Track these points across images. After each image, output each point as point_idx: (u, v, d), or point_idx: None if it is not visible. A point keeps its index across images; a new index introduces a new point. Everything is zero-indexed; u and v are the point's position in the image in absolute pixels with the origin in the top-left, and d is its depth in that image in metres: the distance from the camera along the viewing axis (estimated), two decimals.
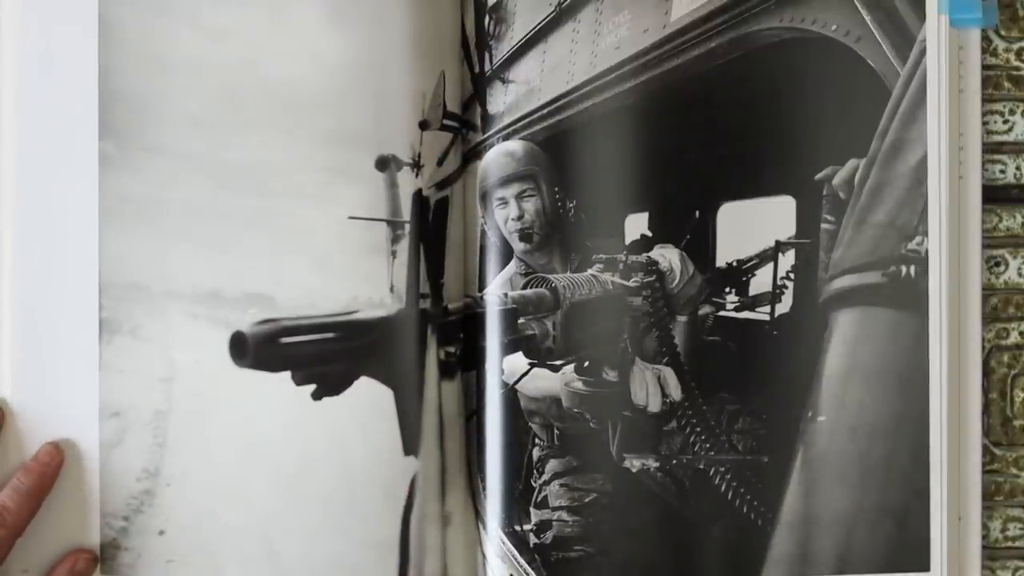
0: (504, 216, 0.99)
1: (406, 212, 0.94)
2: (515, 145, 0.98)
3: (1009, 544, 1.03)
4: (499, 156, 0.98)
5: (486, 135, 0.99)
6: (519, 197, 0.99)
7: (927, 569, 0.96)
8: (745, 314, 0.96)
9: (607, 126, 0.96)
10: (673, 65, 0.95)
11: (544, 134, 0.98)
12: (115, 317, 0.89)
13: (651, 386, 0.96)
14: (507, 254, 0.99)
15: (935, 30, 0.92)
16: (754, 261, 0.95)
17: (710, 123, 0.96)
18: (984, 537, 1.01)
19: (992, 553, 1.02)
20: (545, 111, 0.99)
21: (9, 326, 0.89)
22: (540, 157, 0.98)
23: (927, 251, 0.92)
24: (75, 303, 0.89)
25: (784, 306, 0.95)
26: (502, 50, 1.00)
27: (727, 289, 0.96)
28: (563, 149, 0.97)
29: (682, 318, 0.96)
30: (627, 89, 0.96)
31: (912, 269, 0.92)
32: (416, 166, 0.94)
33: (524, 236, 0.99)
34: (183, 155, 0.90)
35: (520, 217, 0.99)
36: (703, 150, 0.96)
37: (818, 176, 0.92)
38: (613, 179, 0.95)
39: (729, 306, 0.96)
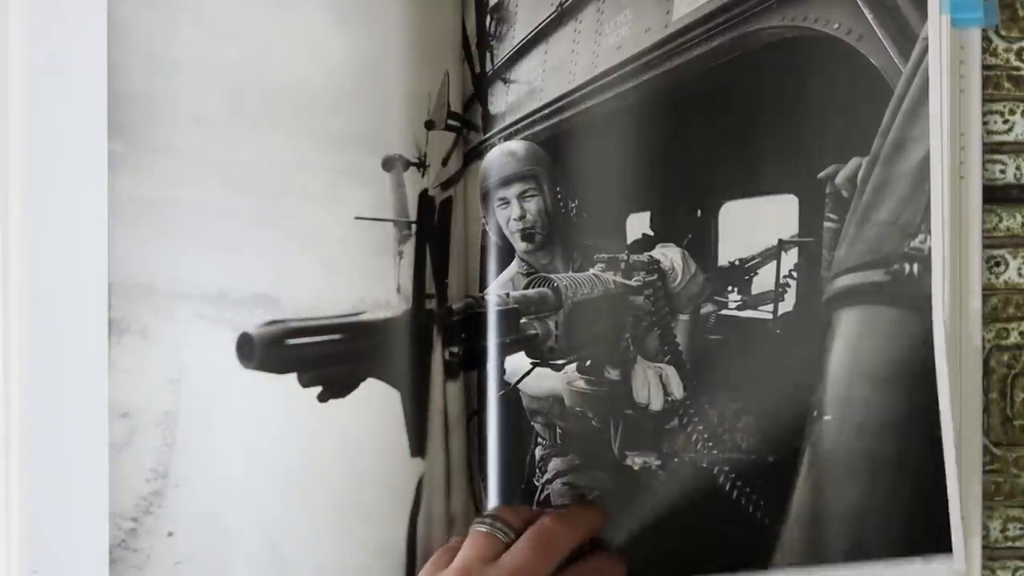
0: (506, 216, 0.99)
1: (412, 212, 0.94)
2: (516, 145, 0.98)
3: (1009, 544, 1.03)
4: (500, 156, 0.98)
5: (487, 135, 0.99)
6: (521, 197, 0.98)
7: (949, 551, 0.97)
8: (748, 313, 0.96)
9: (609, 126, 0.95)
10: (675, 64, 0.95)
11: (546, 134, 0.98)
12: (124, 317, 0.89)
13: (653, 384, 0.96)
14: (509, 254, 0.99)
15: (937, 29, 0.92)
16: (756, 260, 0.95)
17: (712, 122, 0.96)
18: (984, 537, 1.02)
19: (992, 553, 1.03)
20: (547, 111, 0.99)
21: (18, 325, 0.89)
22: (542, 157, 0.98)
23: (930, 249, 0.92)
24: (84, 303, 0.89)
25: (787, 305, 0.95)
26: (503, 50, 1.00)
27: (729, 288, 0.96)
28: (565, 149, 0.97)
29: (684, 317, 0.96)
30: (629, 89, 0.96)
31: (915, 267, 0.92)
32: (422, 166, 0.94)
33: (526, 236, 0.98)
34: (192, 155, 0.90)
35: (522, 217, 0.99)
36: (705, 149, 0.96)
37: (821, 174, 0.92)
38: (615, 179, 0.95)
39: (732, 305, 0.96)
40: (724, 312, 0.96)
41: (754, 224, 0.94)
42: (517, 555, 0.85)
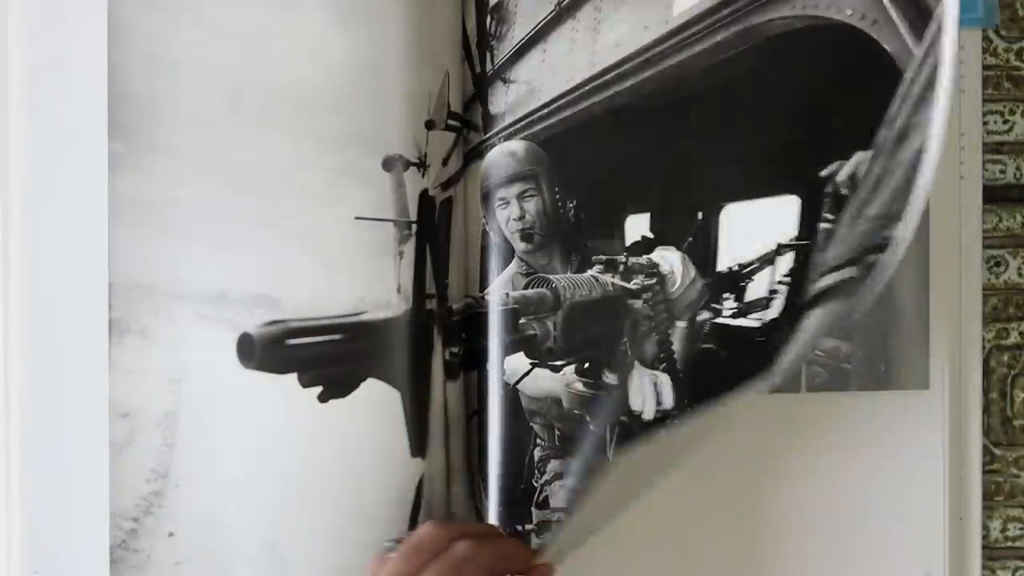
0: (506, 216, 0.98)
1: (412, 212, 0.94)
2: (516, 145, 0.98)
3: (1009, 544, 1.03)
4: (500, 156, 0.98)
5: (487, 135, 0.99)
6: (520, 197, 0.98)
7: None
8: (740, 321, 0.95)
9: (607, 125, 0.95)
10: (675, 62, 0.94)
11: (545, 134, 0.98)
12: (124, 317, 0.89)
13: (648, 392, 0.95)
14: (508, 254, 0.99)
15: (954, 13, 0.88)
16: (754, 265, 0.94)
17: (713, 120, 0.94)
18: (984, 537, 1.02)
19: (992, 553, 1.03)
20: (546, 111, 0.98)
21: (18, 325, 0.89)
22: (541, 157, 0.97)
23: (899, 236, 0.88)
24: (84, 303, 0.89)
25: (773, 312, 0.93)
26: (503, 50, 0.99)
27: (725, 294, 0.95)
28: (564, 149, 0.96)
29: (681, 324, 0.95)
30: (627, 88, 0.95)
31: (881, 257, 0.89)
32: (422, 166, 0.94)
33: (525, 236, 0.98)
34: (192, 155, 0.89)
35: (521, 217, 0.98)
36: (706, 148, 0.95)
37: (823, 172, 0.90)
38: (614, 179, 0.95)
39: (726, 312, 0.95)
40: (718, 320, 0.95)
41: (755, 228, 0.93)
42: (390, 563, 0.86)
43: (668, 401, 0.94)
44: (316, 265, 0.91)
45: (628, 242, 0.96)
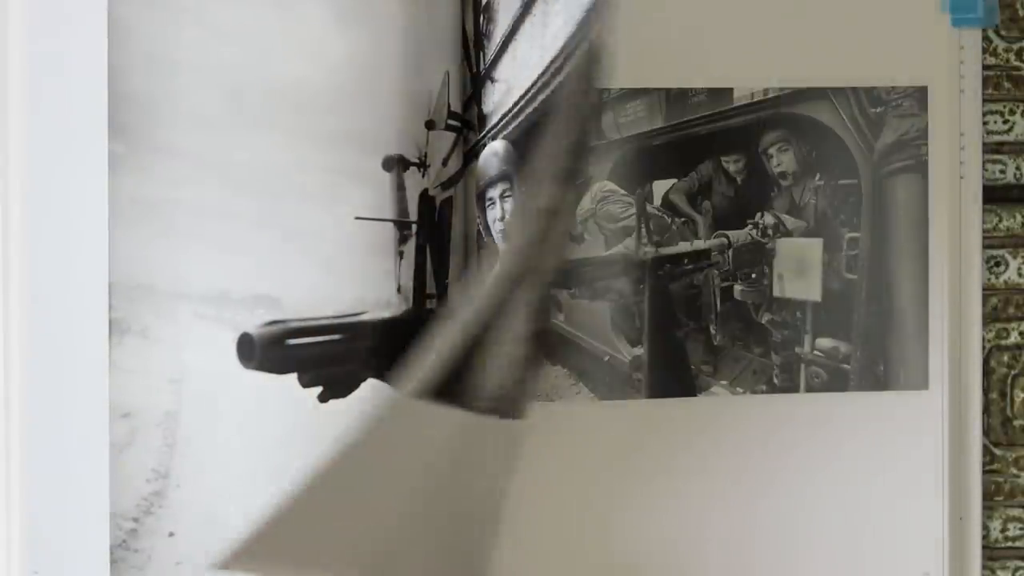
0: (493, 217, 0.98)
1: (412, 212, 0.94)
2: (499, 145, 0.98)
3: (1009, 544, 1.03)
4: (488, 156, 0.98)
5: (480, 135, 0.99)
6: (502, 197, 0.98)
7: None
8: None
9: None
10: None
11: (515, 133, 0.97)
12: (125, 317, 0.89)
13: None
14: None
15: None
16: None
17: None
18: (984, 537, 1.02)
19: (992, 553, 1.03)
20: (515, 109, 0.98)
21: (18, 325, 0.89)
22: (515, 156, 0.97)
23: None
24: (85, 303, 0.89)
25: None
26: (491, 49, 0.99)
27: None
28: (528, 147, 0.96)
29: None
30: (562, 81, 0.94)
31: None
32: (422, 166, 0.94)
33: (505, 237, 0.98)
34: (192, 155, 0.89)
35: (503, 218, 0.98)
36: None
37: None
38: None
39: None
40: None
41: None
42: None
43: None
44: (316, 265, 0.91)
45: None
